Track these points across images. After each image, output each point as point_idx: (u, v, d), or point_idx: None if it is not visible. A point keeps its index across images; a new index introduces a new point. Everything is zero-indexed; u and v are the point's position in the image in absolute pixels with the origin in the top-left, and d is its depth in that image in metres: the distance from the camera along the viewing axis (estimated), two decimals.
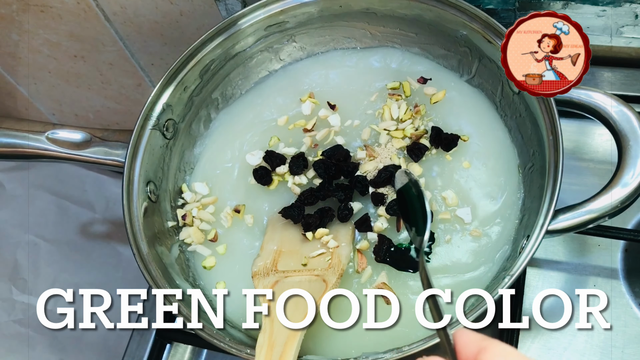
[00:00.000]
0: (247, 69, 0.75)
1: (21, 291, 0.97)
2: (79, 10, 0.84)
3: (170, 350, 0.73)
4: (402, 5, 0.70)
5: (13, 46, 0.94)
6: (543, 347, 0.64)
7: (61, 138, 0.69)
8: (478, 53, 0.68)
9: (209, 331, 0.57)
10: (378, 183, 0.65)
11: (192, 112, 0.73)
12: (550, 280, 0.67)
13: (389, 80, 0.72)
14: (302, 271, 0.61)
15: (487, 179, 0.66)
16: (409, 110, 0.69)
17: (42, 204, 1.04)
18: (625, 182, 0.56)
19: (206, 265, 0.67)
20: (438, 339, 0.52)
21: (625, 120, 0.58)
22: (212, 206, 0.69)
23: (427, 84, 0.71)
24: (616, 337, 0.63)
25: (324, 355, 0.59)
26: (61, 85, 1.01)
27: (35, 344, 0.93)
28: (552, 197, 0.56)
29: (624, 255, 0.68)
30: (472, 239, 0.63)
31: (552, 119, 0.59)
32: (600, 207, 0.56)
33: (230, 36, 0.71)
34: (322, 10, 0.73)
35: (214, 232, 0.68)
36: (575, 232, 0.59)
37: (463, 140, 0.67)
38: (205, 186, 0.70)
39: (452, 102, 0.70)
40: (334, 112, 0.71)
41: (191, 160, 0.73)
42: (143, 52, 0.91)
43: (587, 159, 0.74)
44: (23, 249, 1.00)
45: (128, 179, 0.65)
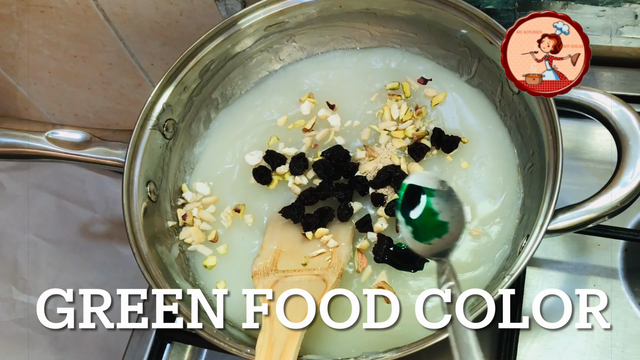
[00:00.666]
0: (247, 69, 0.75)
1: (21, 291, 0.97)
2: (79, 10, 0.84)
3: (170, 350, 0.73)
4: (402, 5, 0.70)
5: (13, 46, 0.94)
6: (543, 347, 0.64)
7: (61, 138, 0.69)
8: (478, 53, 0.68)
9: (209, 331, 0.57)
10: (377, 184, 0.65)
11: (192, 112, 0.73)
12: (550, 280, 0.67)
13: (389, 81, 0.72)
14: (302, 271, 0.61)
15: (486, 178, 0.66)
16: (409, 110, 0.69)
17: (42, 204, 1.04)
18: (625, 182, 0.56)
19: (207, 264, 0.67)
20: (438, 339, 0.53)
21: (625, 120, 0.58)
22: (213, 206, 0.69)
23: (428, 84, 0.71)
24: (616, 337, 0.63)
25: (324, 355, 0.59)
26: (61, 85, 1.01)
27: (35, 344, 0.93)
28: (551, 197, 0.56)
29: (624, 255, 0.68)
30: (472, 238, 0.63)
31: (552, 119, 0.59)
32: (600, 206, 0.56)
33: (230, 36, 0.71)
34: (321, 11, 0.73)
35: (215, 232, 0.68)
36: (575, 232, 0.59)
37: (463, 142, 0.67)
38: (207, 186, 0.71)
39: (452, 102, 0.70)
40: (334, 112, 0.71)
41: (191, 160, 0.73)
42: (143, 52, 0.91)
43: (587, 159, 0.74)
44: (23, 249, 1.00)
45: (128, 179, 0.65)
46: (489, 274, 0.61)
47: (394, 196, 0.65)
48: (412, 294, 0.61)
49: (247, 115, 0.74)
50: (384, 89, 0.72)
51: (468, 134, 0.68)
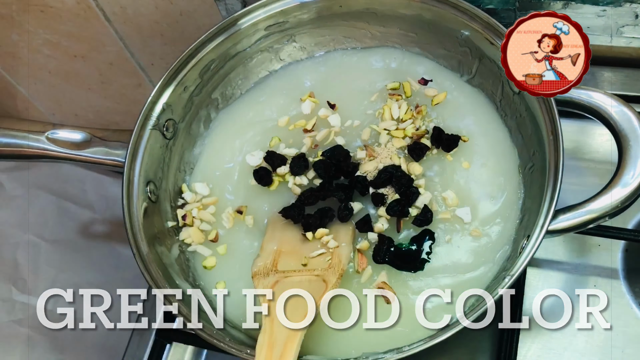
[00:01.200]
0: (247, 69, 0.75)
1: (21, 291, 0.97)
2: (79, 10, 0.84)
3: (170, 350, 0.73)
4: (402, 4, 0.70)
5: (13, 46, 0.94)
6: (543, 347, 0.64)
7: (61, 138, 0.69)
8: (478, 53, 0.68)
9: (209, 331, 0.57)
10: (378, 184, 0.65)
11: (192, 112, 0.73)
12: (550, 280, 0.67)
13: (389, 81, 0.72)
14: (302, 271, 0.61)
15: (487, 179, 0.65)
16: (409, 110, 0.69)
17: (42, 204, 1.04)
18: (626, 182, 0.56)
19: (207, 265, 0.67)
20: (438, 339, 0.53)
21: (625, 120, 0.58)
22: (213, 206, 0.69)
23: (428, 85, 0.71)
24: (616, 337, 0.63)
25: (324, 355, 0.59)
26: (61, 85, 1.01)
27: (35, 344, 0.93)
28: (552, 197, 0.56)
29: (624, 255, 0.68)
30: (472, 239, 0.63)
31: (553, 119, 0.59)
32: (600, 207, 0.56)
33: (230, 36, 0.71)
34: (322, 10, 0.73)
35: (215, 232, 0.68)
36: (575, 232, 0.59)
37: (463, 141, 0.67)
38: (206, 186, 0.70)
39: (452, 102, 0.70)
40: (334, 112, 0.71)
41: (191, 160, 0.73)
42: (143, 52, 0.91)
43: (587, 159, 0.74)
44: (23, 249, 1.00)
45: (128, 179, 0.65)
46: (490, 274, 0.61)
47: (395, 196, 0.65)
48: (413, 295, 0.61)
49: (247, 115, 0.74)
50: (384, 88, 0.72)
51: (469, 134, 0.68)
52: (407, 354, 0.54)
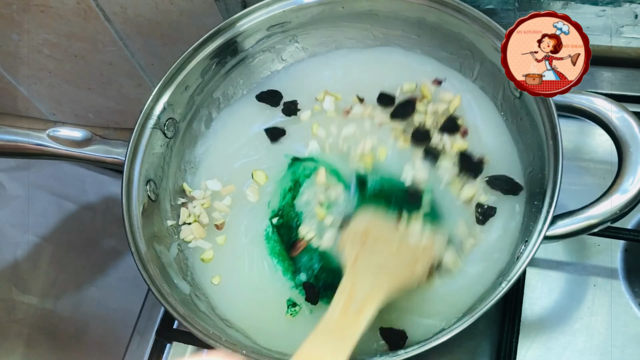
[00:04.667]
0: (248, 69, 0.75)
1: (21, 291, 0.97)
2: (79, 10, 0.84)
3: (170, 350, 0.73)
4: (404, 7, 0.70)
5: (13, 46, 0.94)
6: (543, 347, 0.64)
7: (62, 136, 0.69)
8: (479, 56, 0.68)
9: (205, 331, 0.57)
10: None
11: (193, 111, 0.73)
12: (549, 280, 0.67)
13: (392, 81, 0.72)
14: (391, 255, 0.60)
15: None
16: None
17: (42, 204, 1.04)
18: (625, 189, 0.56)
19: (204, 258, 0.67)
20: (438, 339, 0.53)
21: (625, 126, 0.58)
22: (229, 197, 0.69)
23: (442, 86, 0.71)
24: (616, 337, 0.63)
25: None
26: (61, 85, 1.01)
27: (35, 344, 0.93)
28: (550, 203, 0.55)
29: (624, 255, 0.68)
30: (472, 243, 0.63)
31: (553, 124, 0.58)
32: (599, 213, 0.56)
33: (231, 36, 0.71)
34: (324, 12, 0.73)
35: (223, 220, 0.68)
36: None
37: (484, 163, 0.66)
38: (218, 182, 0.70)
39: (466, 104, 0.70)
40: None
41: (192, 159, 0.73)
42: (143, 52, 0.91)
43: (587, 159, 0.74)
44: (23, 249, 1.00)
45: (128, 177, 0.65)
46: (488, 277, 0.61)
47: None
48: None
49: (248, 115, 0.74)
50: (393, 87, 0.71)
51: (470, 136, 0.67)
52: (412, 354, 0.53)
